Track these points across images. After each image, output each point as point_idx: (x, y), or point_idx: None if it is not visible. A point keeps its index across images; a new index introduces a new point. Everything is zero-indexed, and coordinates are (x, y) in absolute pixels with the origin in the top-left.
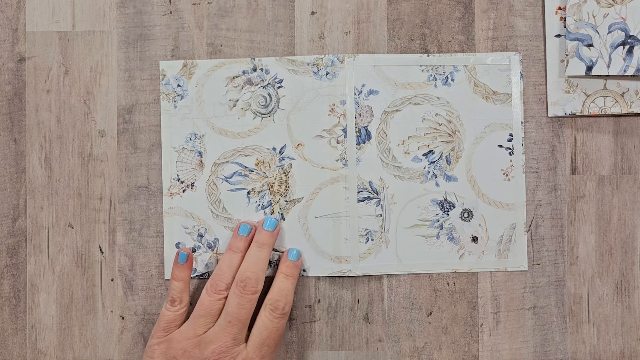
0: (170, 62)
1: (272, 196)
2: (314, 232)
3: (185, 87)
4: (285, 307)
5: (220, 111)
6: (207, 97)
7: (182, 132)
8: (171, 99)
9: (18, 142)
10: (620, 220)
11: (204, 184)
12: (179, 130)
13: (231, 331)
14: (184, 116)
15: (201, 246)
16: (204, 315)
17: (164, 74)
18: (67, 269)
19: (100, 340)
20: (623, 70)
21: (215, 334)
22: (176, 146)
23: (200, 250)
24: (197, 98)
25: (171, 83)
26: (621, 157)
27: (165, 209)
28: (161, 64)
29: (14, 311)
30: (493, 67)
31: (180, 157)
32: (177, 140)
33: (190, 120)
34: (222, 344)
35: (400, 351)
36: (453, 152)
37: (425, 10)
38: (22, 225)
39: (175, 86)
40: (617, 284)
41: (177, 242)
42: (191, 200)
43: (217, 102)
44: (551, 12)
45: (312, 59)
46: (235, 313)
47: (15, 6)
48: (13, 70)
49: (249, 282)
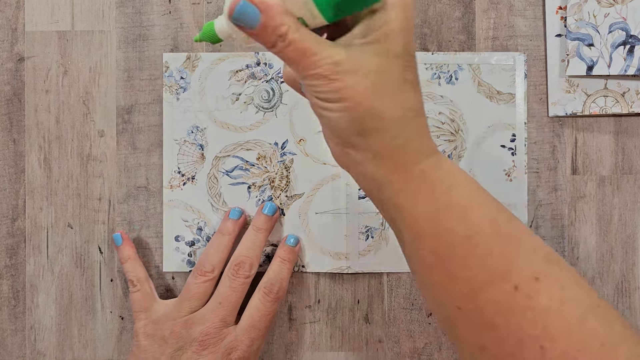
0: (174, 55)
1: (272, 191)
2: (314, 228)
3: (188, 80)
4: (279, 292)
5: (222, 104)
6: (209, 90)
7: (184, 125)
8: (174, 91)
9: (17, 143)
10: (621, 220)
11: (205, 177)
12: (181, 122)
13: (220, 313)
14: (186, 109)
15: (200, 239)
16: (188, 299)
17: (167, 66)
18: (67, 270)
19: (100, 341)
20: (624, 70)
21: (204, 315)
22: (178, 139)
23: (199, 244)
24: (200, 91)
25: (174, 75)
26: (622, 157)
27: (165, 202)
28: (164, 56)
29: (13, 312)
30: (497, 67)
31: (182, 149)
32: (179, 133)
33: (192, 113)
34: (210, 325)
35: (400, 352)
36: (455, 151)
37: (425, 10)
38: (21, 225)
39: (178, 78)
40: (618, 284)
41: (177, 235)
42: (191, 193)
43: (219, 96)
44: (552, 11)
45: None
46: (227, 295)
47: (15, 6)
48: (12, 71)
49: (242, 266)
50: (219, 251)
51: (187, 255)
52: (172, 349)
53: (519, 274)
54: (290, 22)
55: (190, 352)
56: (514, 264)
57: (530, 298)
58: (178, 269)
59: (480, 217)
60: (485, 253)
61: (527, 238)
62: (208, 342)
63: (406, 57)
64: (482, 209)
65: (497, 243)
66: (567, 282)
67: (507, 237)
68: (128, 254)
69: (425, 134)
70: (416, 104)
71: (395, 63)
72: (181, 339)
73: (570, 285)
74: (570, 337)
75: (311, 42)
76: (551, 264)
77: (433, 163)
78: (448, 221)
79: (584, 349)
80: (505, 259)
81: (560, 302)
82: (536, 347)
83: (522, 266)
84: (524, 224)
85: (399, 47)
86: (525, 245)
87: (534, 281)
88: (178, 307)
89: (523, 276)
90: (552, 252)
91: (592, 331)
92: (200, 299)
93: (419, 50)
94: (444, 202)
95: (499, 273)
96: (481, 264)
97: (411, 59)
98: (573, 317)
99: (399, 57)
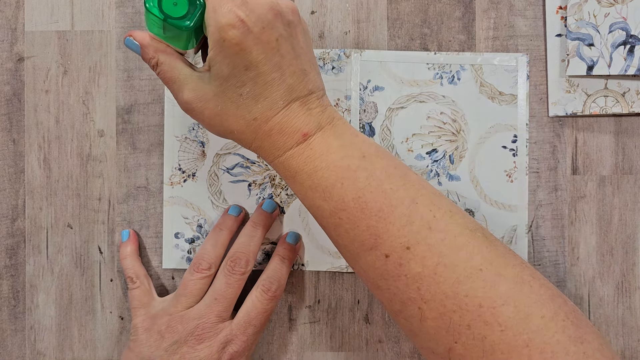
0: None
1: (273, 189)
2: (314, 226)
3: None
4: (277, 290)
5: None
6: None
7: (185, 122)
8: None
9: (17, 143)
10: (621, 220)
11: (205, 174)
12: (182, 119)
13: (216, 308)
14: None
15: (200, 236)
16: (185, 295)
17: None
18: (66, 270)
19: (100, 341)
20: (624, 70)
21: (199, 310)
22: (179, 135)
23: (199, 241)
24: None
25: None
26: (622, 157)
27: (165, 198)
28: None
29: (13, 312)
30: (500, 68)
31: (183, 146)
32: (180, 130)
33: None
34: (205, 320)
35: (400, 352)
36: (457, 151)
37: (425, 10)
38: (21, 225)
39: None
40: (618, 284)
41: (177, 232)
42: (192, 190)
43: None
44: (552, 11)
45: (318, 52)
46: (222, 291)
47: (14, 6)
48: (12, 70)
49: (238, 262)
50: (216, 247)
51: (186, 252)
52: (168, 343)
53: (388, 244)
54: (158, 55)
55: (186, 347)
56: (383, 235)
57: (401, 265)
58: (178, 266)
59: (343, 196)
60: (351, 227)
61: (401, 211)
62: (204, 337)
63: (236, 76)
64: (346, 188)
65: (363, 218)
66: (446, 249)
67: (376, 212)
68: (130, 251)
69: (278, 132)
70: (260, 112)
71: (226, 84)
72: (177, 333)
73: (450, 252)
74: (445, 300)
75: (170, 73)
76: (431, 231)
77: (294, 154)
78: (314, 200)
79: (459, 310)
80: (372, 232)
81: (434, 268)
82: (415, 308)
83: (391, 237)
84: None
85: (224, 69)
86: (397, 218)
87: (405, 250)
88: (175, 302)
89: (392, 246)
90: (438, 220)
91: (470, 293)
92: (197, 295)
93: (419, 50)
94: (308, 184)
95: (368, 244)
96: (350, 236)
97: (243, 74)
98: (448, 281)
99: (229, 79)
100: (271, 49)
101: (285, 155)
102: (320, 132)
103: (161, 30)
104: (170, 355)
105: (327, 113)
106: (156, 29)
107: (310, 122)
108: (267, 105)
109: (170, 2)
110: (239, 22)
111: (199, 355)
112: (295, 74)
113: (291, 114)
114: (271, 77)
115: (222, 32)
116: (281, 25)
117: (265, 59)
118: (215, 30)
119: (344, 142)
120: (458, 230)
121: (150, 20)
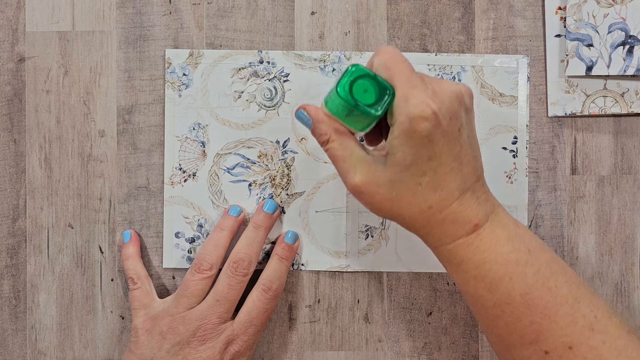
0: (177, 51)
1: (273, 189)
2: (314, 226)
3: (190, 77)
4: (277, 290)
5: (224, 102)
6: (212, 88)
7: (186, 122)
8: (176, 87)
9: (18, 143)
10: (620, 220)
11: (206, 174)
12: (183, 119)
13: (218, 310)
14: (188, 105)
15: (200, 236)
16: (186, 296)
17: (169, 62)
18: (67, 269)
19: (100, 341)
20: (623, 71)
21: (201, 311)
22: (179, 135)
23: (199, 241)
24: (202, 88)
25: (177, 72)
26: (621, 157)
27: (166, 198)
28: (167, 52)
29: (13, 311)
30: (500, 69)
31: (183, 146)
32: (181, 130)
33: (194, 109)
34: (207, 321)
35: (400, 351)
36: None
37: (425, 11)
38: (22, 225)
39: (181, 75)
40: (617, 284)
41: (177, 231)
42: (192, 190)
43: (222, 93)
44: (551, 12)
45: (319, 54)
46: (225, 292)
47: (15, 6)
48: (13, 71)
49: (241, 263)
50: (217, 247)
51: (187, 252)
52: (170, 345)
53: (550, 341)
54: (331, 132)
55: (189, 348)
56: (545, 333)
57: None
58: (178, 266)
59: (510, 290)
60: (513, 320)
61: (565, 310)
62: (206, 338)
63: (418, 165)
64: (514, 283)
65: (528, 314)
66: (607, 352)
67: (541, 310)
68: (131, 252)
69: (451, 221)
70: (436, 202)
71: (406, 172)
72: (179, 334)
73: (610, 355)
74: None
75: (342, 152)
76: (594, 332)
77: (463, 243)
78: (477, 289)
79: None
80: (534, 328)
81: None
82: None
83: (553, 335)
84: (574, 286)
85: (408, 158)
86: (562, 317)
87: (567, 350)
88: (176, 303)
89: (554, 344)
90: (599, 321)
91: None
92: (198, 296)
93: (419, 51)
94: (474, 274)
95: (529, 338)
96: (510, 329)
97: (426, 164)
98: None
99: (410, 167)
100: (453, 139)
101: (453, 243)
102: (488, 223)
103: (344, 112)
104: (172, 356)
105: (490, 201)
106: (339, 111)
107: (480, 212)
108: (444, 195)
109: (361, 88)
110: (432, 114)
111: (202, 356)
112: (470, 163)
113: (465, 204)
114: (450, 167)
115: (414, 123)
116: (463, 114)
117: (448, 150)
118: (405, 120)
119: (510, 234)
120: (617, 332)
121: (335, 102)
